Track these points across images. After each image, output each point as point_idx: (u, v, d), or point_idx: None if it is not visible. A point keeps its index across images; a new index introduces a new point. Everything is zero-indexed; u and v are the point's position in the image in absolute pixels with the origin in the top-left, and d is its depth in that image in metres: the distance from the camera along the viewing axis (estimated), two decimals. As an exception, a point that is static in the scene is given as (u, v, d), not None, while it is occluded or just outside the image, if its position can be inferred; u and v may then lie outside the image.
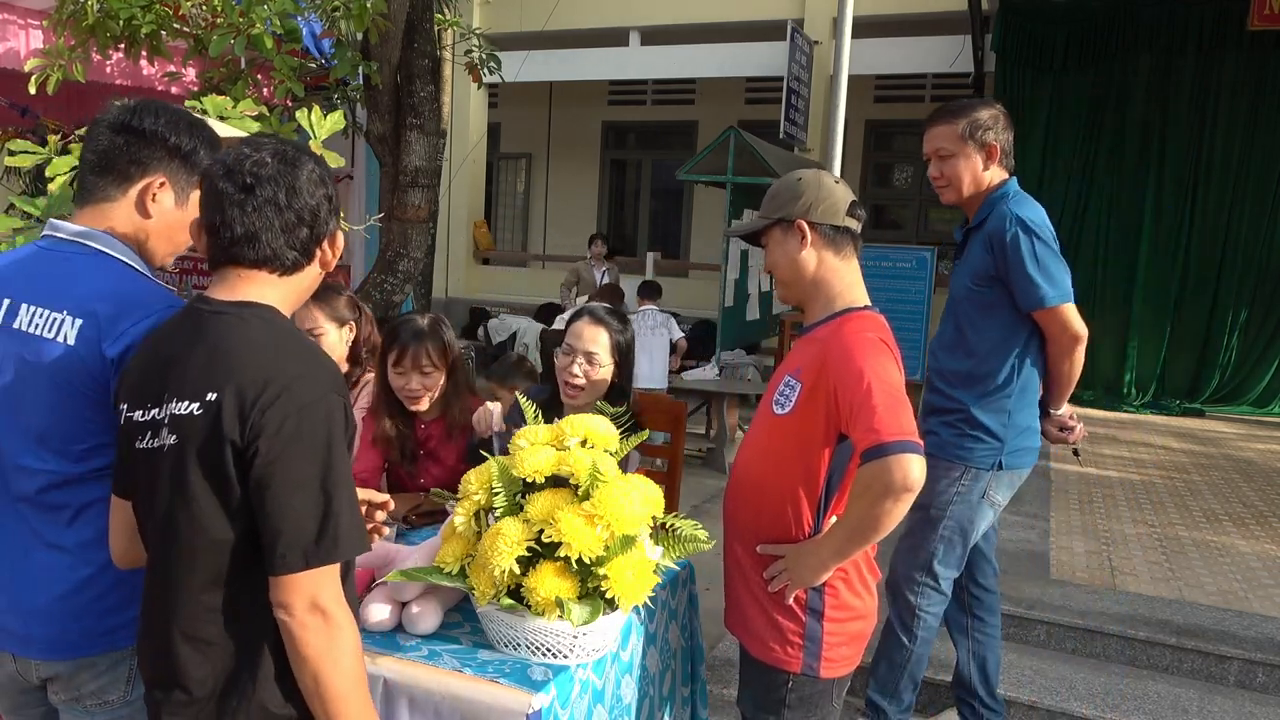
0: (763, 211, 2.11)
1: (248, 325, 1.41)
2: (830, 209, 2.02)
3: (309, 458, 1.34)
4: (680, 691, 2.38)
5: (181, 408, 1.37)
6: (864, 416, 1.79)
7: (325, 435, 1.36)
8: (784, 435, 1.99)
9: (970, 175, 2.68)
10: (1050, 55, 8.39)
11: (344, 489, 1.37)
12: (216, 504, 1.36)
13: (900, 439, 1.75)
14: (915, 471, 1.74)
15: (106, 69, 5.11)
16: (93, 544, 1.62)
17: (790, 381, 2.00)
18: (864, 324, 1.97)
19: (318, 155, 1.51)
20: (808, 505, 1.96)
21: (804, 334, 2.10)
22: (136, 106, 1.71)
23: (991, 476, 2.74)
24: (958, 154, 2.67)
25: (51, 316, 1.60)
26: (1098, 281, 8.45)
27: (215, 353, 1.38)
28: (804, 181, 2.06)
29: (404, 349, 2.65)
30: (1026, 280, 2.59)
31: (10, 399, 1.62)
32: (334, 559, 1.35)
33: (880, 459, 1.75)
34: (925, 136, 2.74)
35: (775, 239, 2.08)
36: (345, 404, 1.41)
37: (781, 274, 2.09)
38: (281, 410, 1.33)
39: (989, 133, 2.66)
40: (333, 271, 1.60)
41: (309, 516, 1.33)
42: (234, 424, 1.33)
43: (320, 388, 1.37)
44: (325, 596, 1.34)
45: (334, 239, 1.52)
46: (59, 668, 1.67)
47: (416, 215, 5.44)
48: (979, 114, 2.66)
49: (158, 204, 1.71)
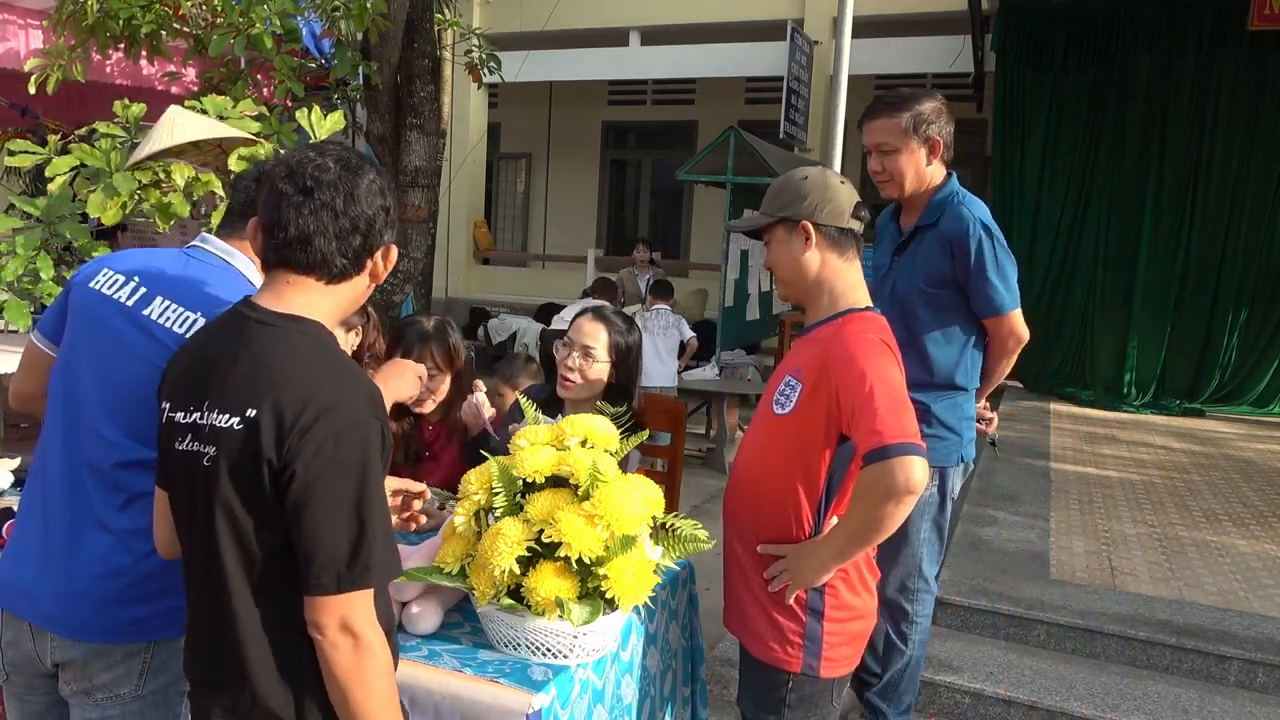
0: (766, 208, 2.09)
1: (293, 341, 1.40)
2: (835, 210, 2.01)
3: (345, 482, 1.34)
4: (680, 691, 2.38)
5: (222, 420, 1.37)
6: (866, 418, 1.79)
7: (361, 459, 1.35)
8: (784, 435, 1.99)
9: (914, 170, 2.63)
10: (1050, 55, 8.39)
11: (378, 514, 1.37)
12: (251, 521, 1.36)
13: (903, 441, 1.75)
14: (918, 473, 1.74)
15: (106, 69, 5.11)
16: (138, 534, 1.65)
17: (791, 382, 1.99)
18: (865, 325, 1.96)
19: (379, 168, 1.51)
20: (808, 505, 1.96)
21: (804, 334, 2.09)
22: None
23: (953, 471, 2.76)
24: (901, 148, 2.61)
25: (184, 314, 1.70)
26: (1098, 281, 8.45)
27: (258, 366, 1.38)
28: (809, 181, 2.04)
29: (408, 350, 2.65)
30: (988, 287, 2.60)
31: (103, 370, 1.70)
32: (366, 584, 1.35)
33: (883, 461, 1.75)
34: (865, 129, 2.68)
35: (778, 238, 2.06)
36: (383, 426, 1.41)
37: (783, 273, 2.08)
38: (320, 434, 1.33)
39: (932, 126, 2.61)
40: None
41: (343, 540, 1.33)
42: (272, 444, 1.33)
43: (358, 411, 1.37)
44: (357, 619, 1.35)
45: (388, 252, 1.52)
46: (73, 652, 1.68)
47: (416, 215, 5.44)
48: (922, 107, 2.61)
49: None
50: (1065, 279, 8.58)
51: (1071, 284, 8.57)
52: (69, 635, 1.67)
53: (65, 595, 1.67)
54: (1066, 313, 8.61)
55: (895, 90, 2.74)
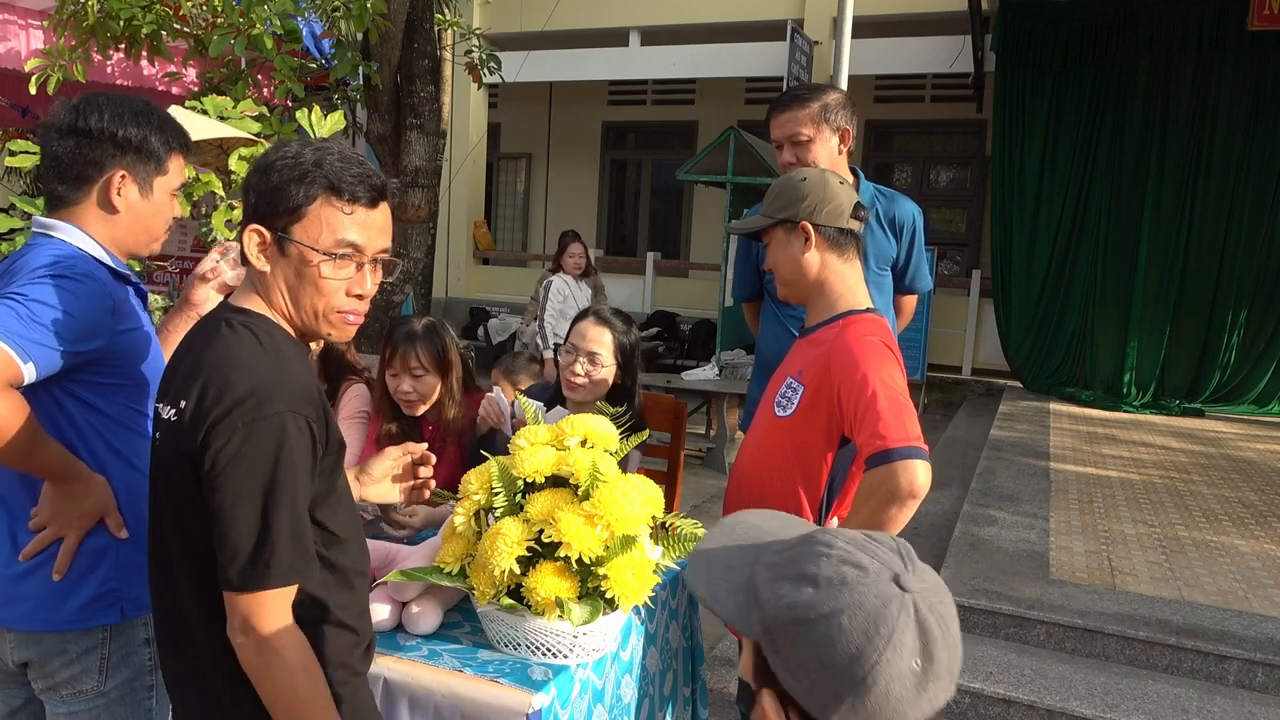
0: (766, 210, 2.09)
1: (233, 333, 1.39)
2: (835, 211, 2.01)
3: (252, 476, 1.30)
4: (681, 691, 2.38)
5: (167, 412, 1.39)
6: (869, 422, 1.79)
7: (272, 454, 1.31)
8: (785, 437, 1.99)
9: (828, 159, 2.64)
10: (1050, 55, 8.39)
11: (285, 512, 1.32)
12: (190, 512, 1.36)
13: (906, 444, 1.76)
14: (921, 477, 1.74)
15: (107, 69, 5.12)
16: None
17: (792, 384, 2.00)
18: (867, 327, 1.96)
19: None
20: (809, 507, 1.96)
21: (805, 335, 2.10)
22: (79, 105, 1.73)
23: None
24: (815, 137, 2.62)
25: None
26: (1098, 281, 8.46)
27: (196, 360, 1.38)
28: (809, 182, 2.03)
29: (394, 351, 2.65)
30: (926, 266, 2.83)
31: None
32: (267, 584, 1.30)
33: (886, 465, 1.75)
34: (774, 122, 2.68)
35: (778, 239, 2.06)
36: (309, 423, 1.36)
37: (784, 274, 2.07)
38: (230, 425, 1.30)
39: (840, 114, 2.63)
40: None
41: (246, 537, 1.30)
42: (190, 434, 1.32)
43: (275, 404, 1.32)
44: (259, 619, 1.31)
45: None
46: (30, 650, 1.70)
47: (416, 215, 5.45)
48: (830, 97, 2.64)
49: (123, 198, 1.74)
50: (1065, 278, 8.59)
51: (1071, 284, 8.58)
52: (15, 627, 1.69)
53: (5, 581, 1.69)
54: (1066, 312, 8.62)
55: (795, 85, 2.79)
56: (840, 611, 0.83)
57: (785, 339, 2.81)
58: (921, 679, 0.82)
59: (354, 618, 1.49)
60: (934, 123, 11.38)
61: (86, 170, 1.71)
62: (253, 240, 1.41)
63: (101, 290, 1.66)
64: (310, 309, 1.44)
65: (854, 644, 0.82)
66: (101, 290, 1.66)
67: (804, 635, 0.84)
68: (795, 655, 0.85)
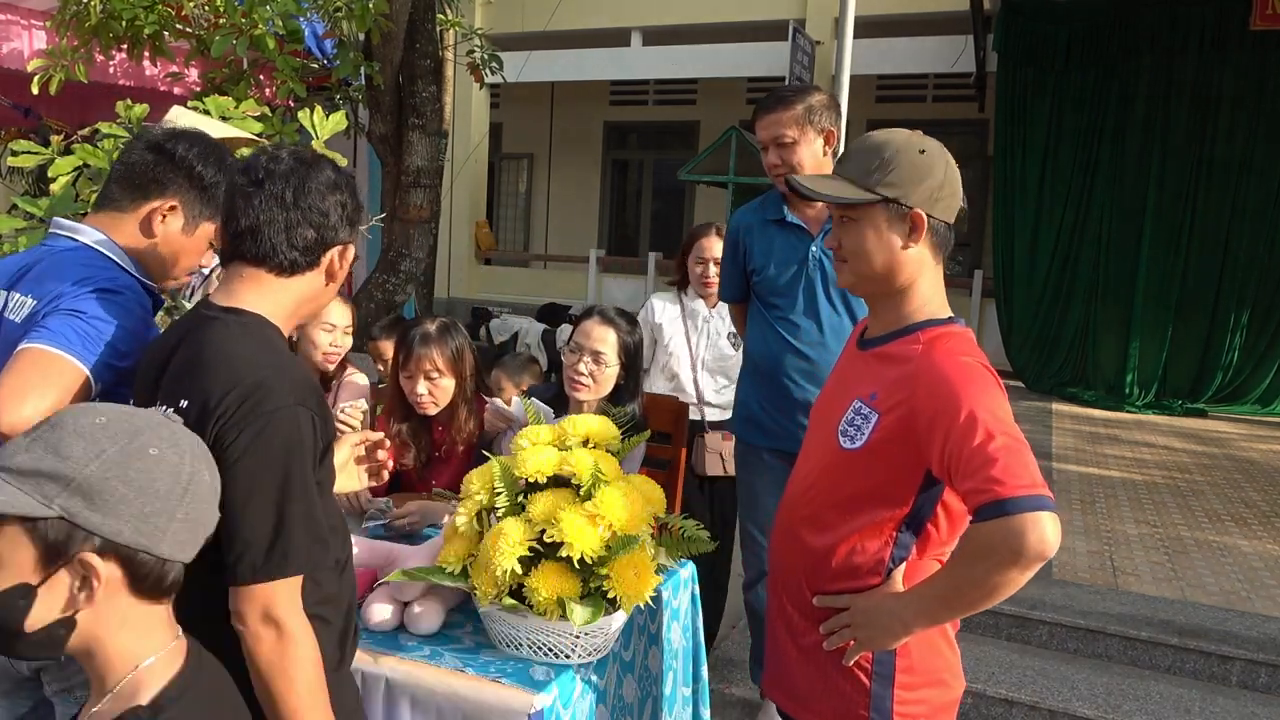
0: (864, 179, 1.61)
1: (228, 331, 1.41)
2: (951, 203, 1.63)
3: (265, 469, 1.33)
4: (682, 691, 2.38)
5: (167, 412, 1.38)
6: (978, 466, 1.43)
7: (284, 447, 1.34)
8: (855, 474, 1.63)
9: (813, 160, 2.60)
10: (1052, 55, 8.39)
11: (299, 502, 1.35)
12: None
13: (1031, 494, 1.39)
14: (1050, 534, 1.38)
15: (109, 70, 5.12)
16: None
17: (862, 409, 1.62)
18: (957, 344, 1.60)
19: (341, 168, 1.50)
20: (881, 554, 1.62)
21: (871, 347, 1.69)
22: (177, 132, 1.79)
23: None
24: (800, 139, 2.58)
25: (22, 301, 1.69)
26: (1099, 281, 8.45)
27: (194, 358, 1.39)
28: (929, 156, 1.61)
29: (409, 353, 2.64)
30: None
31: None
32: (285, 573, 1.33)
33: (1005, 518, 1.39)
34: (759, 124, 2.63)
35: (874, 220, 1.61)
36: (314, 416, 1.39)
37: (868, 265, 1.63)
38: (241, 420, 1.32)
39: (825, 116, 2.60)
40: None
41: (262, 528, 1.32)
42: (196, 431, 1.31)
43: (283, 398, 1.35)
44: (280, 609, 1.33)
45: (345, 251, 1.50)
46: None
47: (418, 215, 5.46)
48: (814, 99, 2.60)
49: (165, 225, 1.77)
50: (1067, 278, 8.58)
51: (1073, 283, 8.57)
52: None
53: None
54: (1068, 312, 8.61)
55: (780, 86, 2.73)
56: None
57: (774, 341, 2.72)
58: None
59: (342, 608, 1.49)
60: (935, 122, 11.36)
61: (148, 185, 1.75)
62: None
63: (141, 301, 1.71)
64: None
65: None
66: (141, 301, 1.71)
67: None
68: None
